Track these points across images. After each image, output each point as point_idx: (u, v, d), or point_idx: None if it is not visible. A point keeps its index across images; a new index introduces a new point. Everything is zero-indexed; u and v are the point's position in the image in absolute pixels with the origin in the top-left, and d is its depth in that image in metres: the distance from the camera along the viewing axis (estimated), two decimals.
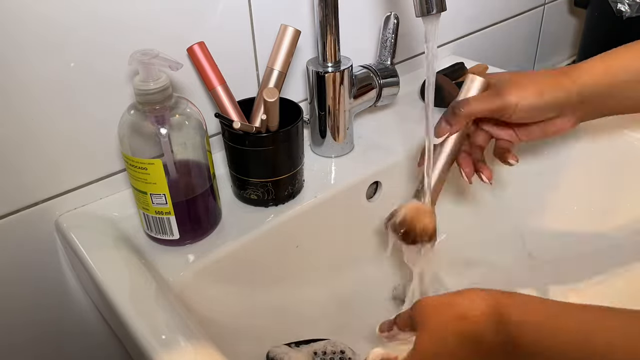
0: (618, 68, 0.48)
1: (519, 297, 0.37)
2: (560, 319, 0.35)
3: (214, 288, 0.53)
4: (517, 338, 0.35)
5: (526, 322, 0.35)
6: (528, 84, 0.49)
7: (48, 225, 0.56)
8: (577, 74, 0.49)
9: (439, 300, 0.39)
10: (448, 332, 0.37)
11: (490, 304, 0.37)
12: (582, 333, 0.34)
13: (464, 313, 0.37)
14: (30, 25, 0.47)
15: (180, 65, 0.46)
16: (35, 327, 0.59)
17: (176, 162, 0.49)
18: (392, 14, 0.65)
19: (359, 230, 0.65)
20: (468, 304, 0.38)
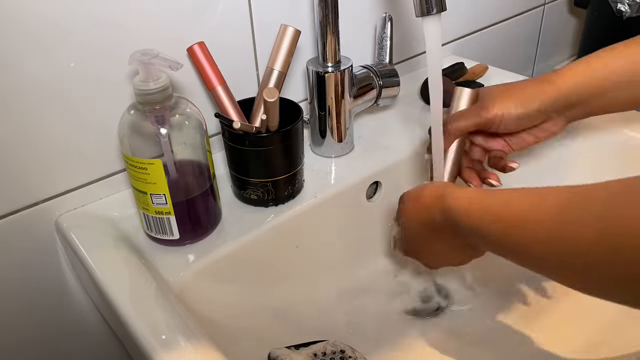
0: (601, 70, 0.50)
1: (460, 189, 0.44)
2: (480, 202, 0.41)
3: (214, 288, 0.53)
4: (452, 222, 0.43)
5: (457, 207, 0.43)
6: (512, 95, 0.51)
7: (48, 225, 0.56)
8: (561, 80, 0.50)
9: (411, 193, 0.50)
10: (413, 221, 0.49)
11: (437, 195, 0.45)
12: (495, 211, 0.40)
13: (423, 205, 0.48)
14: (29, 26, 0.47)
15: (180, 65, 0.46)
16: (35, 327, 0.59)
17: (176, 162, 0.49)
18: (386, 14, 0.65)
19: (359, 230, 0.65)
20: (425, 198, 0.47)
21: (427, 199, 0.47)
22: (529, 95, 0.50)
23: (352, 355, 0.53)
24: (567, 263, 0.35)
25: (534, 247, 0.37)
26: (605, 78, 0.49)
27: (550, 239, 0.35)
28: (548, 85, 0.50)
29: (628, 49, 0.50)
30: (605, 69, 0.50)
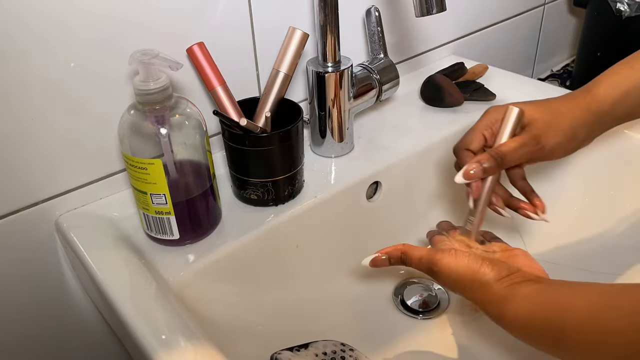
0: (633, 84, 0.51)
1: (521, 294, 0.40)
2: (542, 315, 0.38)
3: (214, 288, 0.53)
4: (505, 323, 0.41)
5: (515, 318, 0.40)
6: (563, 127, 0.50)
7: (48, 225, 0.56)
8: (597, 104, 0.51)
9: (453, 276, 0.44)
10: (461, 286, 0.44)
11: (494, 298, 0.41)
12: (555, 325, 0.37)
13: (467, 292, 0.43)
14: (29, 26, 0.47)
15: (180, 65, 0.46)
16: (35, 327, 0.59)
17: (176, 162, 0.49)
18: (372, 7, 0.65)
19: (359, 230, 0.65)
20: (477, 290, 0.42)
21: (477, 292, 0.42)
22: (577, 126, 0.50)
23: (352, 355, 0.53)
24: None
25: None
26: (636, 97, 0.51)
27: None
28: (589, 115, 0.51)
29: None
30: (636, 80, 0.50)
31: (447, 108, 0.74)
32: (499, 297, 0.41)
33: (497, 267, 0.42)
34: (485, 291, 0.42)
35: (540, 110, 0.50)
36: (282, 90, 0.56)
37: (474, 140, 0.51)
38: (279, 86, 0.56)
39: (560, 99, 0.52)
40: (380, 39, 0.66)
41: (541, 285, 0.40)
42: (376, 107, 0.72)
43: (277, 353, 0.52)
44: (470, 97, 0.74)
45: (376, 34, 0.66)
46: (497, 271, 0.42)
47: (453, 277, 0.43)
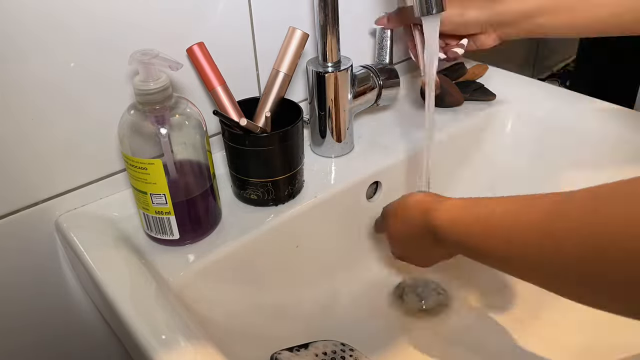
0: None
1: (444, 201, 0.45)
2: (466, 214, 0.42)
3: (214, 288, 0.53)
4: (438, 237, 0.44)
5: (442, 222, 0.43)
6: (455, 2, 0.58)
7: (48, 225, 0.56)
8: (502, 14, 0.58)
9: (392, 208, 0.52)
10: (396, 233, 0.51)
11: (421, 211, 0.46)
12: (481, 222, 0.39)
13: (405, 220, 0.49)
14: (29, 26, 0.47)
15: (180, 65, 0.46)
16: (35, 327, 0.59)
17: (176, 162, 0.49)
18: (386, 14, 0.65)
19: (359, 230, 0.65)
20: (408, 212, 0.49)
21: (409, 214, 0.48)
22: (470, 6, 0.58)
23: (353, 355, 0.53)
24: (555, 274, 0.33)
25: (520, 260, 0.36)
26: (537, 8, 0.56)
27: (537, 251, 0.33)
28: (490, 2, 0.57)
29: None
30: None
31: (447, 108, 0.74)
32: (425, 208, 0.46)
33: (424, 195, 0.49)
34: (410, 210, 0.48)
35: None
36: (282, 90, 0.56)
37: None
38: (279, 86, 0.56)
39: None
40: (389, 47, 0.66)
41: (466, 199, 0.44)
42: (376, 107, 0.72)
43: (277, 353, 0.52)
44: (470, 97, 0.74)
45: (385, 40, 0.66)
46: (423, 195, 0.48)
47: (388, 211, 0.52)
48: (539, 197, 0.36)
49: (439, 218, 0.44)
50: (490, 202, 0.40)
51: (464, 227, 0.41)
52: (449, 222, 0.43)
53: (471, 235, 0.40)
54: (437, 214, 0.44)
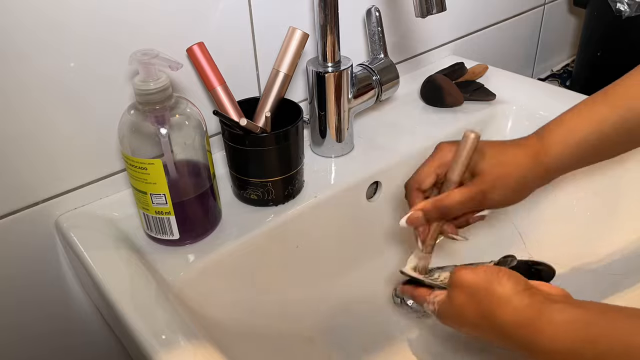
0: (590, 132, 0.48)
1: (554, 315, 0.37)
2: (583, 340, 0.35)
3: (214, 288, 0.53)
4: (538, 354, 0.37)
5: (551, 351, 0.36)
6: (511, 182, 0.48)
7: (48, 225, 0.56)
8: (551, 157, 0.49)
9: (474, 290, 0.40)
10: (465, 319, 0.41)
11: (522, 322, 0.37)
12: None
13: (493, 314, 0.39)
14: (30, 25, 0.47)
15: (180, 65, 0.46)
16: (35, 327, 0.59)
17: (176, 162, 0.49)
18: (372, 7, 0.65)
19: (359, 230, 0.65)
20: (500, 310, 0.38)
21: (499, 313, 0.38)
22: (526, 180, 0.48)
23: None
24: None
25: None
26: (597, 135, 0.48)
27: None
28: (540, 167, 0.49)
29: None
30: (593, 127, 0.48)
31: (447, 108, 0.74)
32: (526, 319, 0.37)
33: (515, 280, 0.39)
34: (503, 306, 0.38)
35: (491, 163, 0.48)
36: (282, 90, 0.56)
37: (426, 180, 0.50)
38: (279, 86, 0.56)
39: (513, 145, 0.50)
40: (381, 39, 0.66)
41: (584, 311, 0.36)
42: (376, 107, 0.72)
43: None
44: (470, 97, 0.74)
45: (376, 34, 0.66)
46: (515, 283, 0.38)
47: (468, 289, 0.40)
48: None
49: (542, 344, 0.36)
50: (606, 329, 0.35)
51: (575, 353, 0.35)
52: (558, 349, 0.36)
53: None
54: (540, 338, 0.36)
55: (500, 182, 0.48)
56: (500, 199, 0.48)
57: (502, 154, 0.49)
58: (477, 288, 0.40)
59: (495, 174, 0.48)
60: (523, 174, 0.48)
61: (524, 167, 0.49)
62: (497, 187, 0.48)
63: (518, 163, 0.49)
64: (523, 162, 0.49)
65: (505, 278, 0.39)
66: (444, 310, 0.44)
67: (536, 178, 0.49)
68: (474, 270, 0.41)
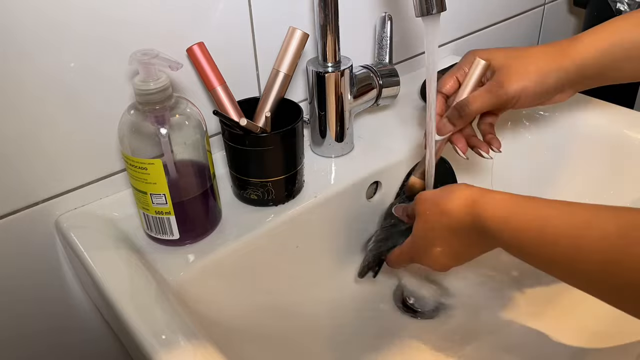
0: (616, 41, 0.49)
1: (493, 195, 0.43)
2: (520, 214, 0.41)
3: (214, 288, 0.53)
4: (486, 230, 0.43)
5: (493, 217, 0.42)
6: (529, 70, 0.49)
7: (48, 225, 0.56)
8: (577, 52, 0.49)
9: (431, 197, 0.48)
10: (435, 224, 0.47)
11: (467, 203, 0.44)
12: (536, 226, 0.40)
13: (447, 210, 0.46)
14: (30, 25, 0.47)
15: (180, 65, 0.46)
16: (34, 327, 0.59)
17: (176, 162, 0.49)
18: (386, 14, 0.65)
19: (359, 230, 0.65)
20: (452, 202, 0.45)
21: (453, 204, 0.45)
22: (546, 70, 0.49)
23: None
24: (619, 290, 0.36)
25: (578, 276, 0.38)
26: (620, 51, 0.49)
27: (601, 270, 0.36)
28: (564, 58, 0.49)
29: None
30: (620, 41, 0.49)
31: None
32: (472, 200, 0.43)
33: (463, 187, 0.46)
34: (456, 202, 0.45)
35: (509, 56, 0.51)
36: (282, 90, 0.56)
37: (447, 83, 0.54)
38: (279, 86, 0.56)
39: (538, 47, 0.52)
40: (388, 46, 0.66)
41: (514, 195, 0.42)
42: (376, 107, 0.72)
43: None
44: None
45: (385, 39, 0.66)
46: (464, 190, 0.45)
47: (429, 202, 0.47)
48: (599, 213, 0.37)
49: (489, 213, 0.42)
50: (542, 206, 0.40)
51: (517, 230, 0.41)
52: (501, 220, 0.42)
53: (525, 239, 0.40)
54: (486, 208, 0.43)
55: (518, 69, 0.49)
56: (519, 88, 0.49)
57: (523, 50, 0.51)
58: (437, 198, 0.47)
59: (513, 65, 0.49)
60: (543, 64, 0.49)
61: (544, 58, 0.49)
62: (515, 74, 0.49)
63: (540, 53, 0.50)
64: (543, 55, 0.50)
65: (459, 189, 0.46)
66: (416, 227, 0.50)
67: (559, 70, 0.49)
68: (433, 191, 0.49)
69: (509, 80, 0.49)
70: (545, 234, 0.39)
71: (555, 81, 0.49)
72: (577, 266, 0.37)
